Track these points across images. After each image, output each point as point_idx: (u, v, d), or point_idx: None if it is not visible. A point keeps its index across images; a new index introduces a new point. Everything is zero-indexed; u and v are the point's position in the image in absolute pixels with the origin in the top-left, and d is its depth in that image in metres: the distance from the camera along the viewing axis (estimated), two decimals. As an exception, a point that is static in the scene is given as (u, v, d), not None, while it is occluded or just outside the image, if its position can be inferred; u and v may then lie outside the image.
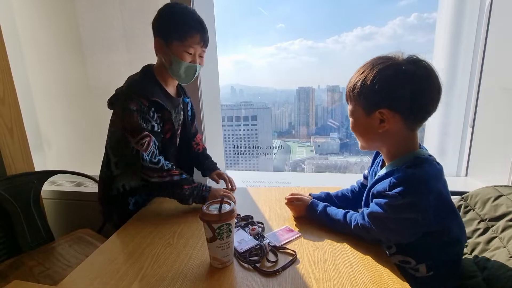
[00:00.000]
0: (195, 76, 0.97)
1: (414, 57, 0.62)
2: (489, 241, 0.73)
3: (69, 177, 1.64)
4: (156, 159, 0.87)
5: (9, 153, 1.25)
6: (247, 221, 0.80)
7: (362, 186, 0.85)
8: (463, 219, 0.84)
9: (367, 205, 0.70)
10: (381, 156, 0.74)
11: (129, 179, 0.95)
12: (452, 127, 1.41)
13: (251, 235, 0.73)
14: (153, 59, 0.99)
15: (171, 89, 1.00)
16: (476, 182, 1.32)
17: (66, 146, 1.78)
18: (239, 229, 0.76)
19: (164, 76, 0.96)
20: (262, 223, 0.79)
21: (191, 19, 0.89)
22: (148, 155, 0.85)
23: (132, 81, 0.93)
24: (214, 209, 0.61)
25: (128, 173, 0.94)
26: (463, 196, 0.88)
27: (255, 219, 0.82)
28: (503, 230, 0.71)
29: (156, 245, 0.70)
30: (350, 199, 0.86)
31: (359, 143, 0.71)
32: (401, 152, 0.65)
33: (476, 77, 1.28)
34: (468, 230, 0.80)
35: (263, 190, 1.07)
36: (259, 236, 0.72)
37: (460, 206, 0.87)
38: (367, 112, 0.64)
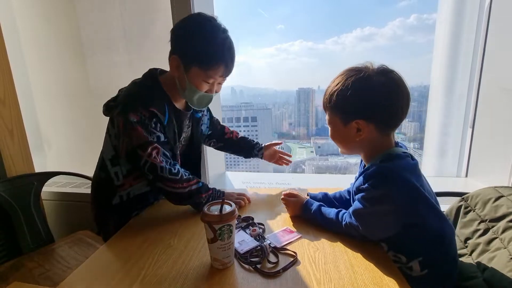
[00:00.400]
0: (208, 105, 0.90)
1: (384, 67, 0.65)
2: (490, 242, 0.73)
3: (69, 178, 1.64)
4: (176, 169, 0.81)
5: (9, 155, 1.25)
6: (247, 222, 0.80)
7: None
8: (463, 220, 0.84)
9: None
10: None
11: (137, 188, 0.89)
12: (452, 128, 1.42)
13: (251, 236, 0.73)
14: (153, 61, 0.98)
15: (179, 103, 0.91)
16: (476, 183, 1.32)
17: (66, 147, 1.78)
18: (239, 230, 0.76)
19: (173, 90, 0.86)
20: (263, 224, 0.79)
21: (221, 45, 0.78)
22: (167, 166, 0.80)
23: (132, 89, 0.85)
24: (215, 210, 0.61)
25: (131, 179, 0.88)
26: (463, 197, 0.88)
27: (255, 220, 0.82)
28: (503, 231, 0.71)
29: (157, 246, 0.70)
30: (347, 200, 0.87)
31: (339, 149, 0.76)
32: (377, 152, 0.69)
33: (476, 77, 1.29)
34: (468, 231, 0.80)
35: (264, 191, 1.06)
36: (259, 237, 0.72)
37: (460, 207, 0.87)
38: (344, 123, 0.68)
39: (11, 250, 1.21)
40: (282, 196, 0.86)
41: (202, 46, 0.77)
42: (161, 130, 0.82)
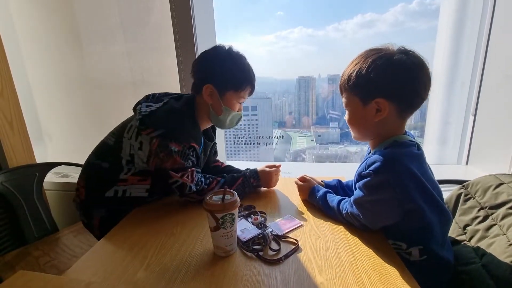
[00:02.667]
0: (238, 122, 0.99)
1: (403, 48, 0.64)
2: (489, 228, 0.74)
3: (71, 168, 1.65)
4: (200, 186, 0.86)
5: (10, 146, 1.25)
6: (249, 211, 0.81)
7: None
8: (463, 207, 0.84)
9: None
10: None
11: (135, 186, 0.88)
12: (453, 116, 1.41)
13: (253, 224, 0.73)
14: (151, 50, 0.96)
15: (204, 130, 0.99)
16: (476, 171, 1.33)
17: (66, 138, 1.77)
18: (241, 219, 0.77)
19: (203, 116, 0.93)
20: (265, 213, 0.80)
21: (247, 69, 0.90)
22: (194, 186, 0.84)
23: (176, 118, 0.85)
24: (217, 199, 0.61)
25: (136, 179, 0.87)
26: (463, 184, 0.88)
27: (257, 209, 0.82)
28: (503, 218, 0.72)
29: (160, 235, 0.71)
30: None
31: (353, 134, 0.75)
32: (386, 138, 0.69)
33: (479, 64, 1.27)
34: (467, 217, 0.81)
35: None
36: (261, 225, 0.73)
37: (460, 194, 0.87)
38: (364, 102, 0.66)
39: (16, 239, 1.23)
40: (295, 180, 0.91)
41: (234, 72, 0.88)
42: (196, 157, 0.88)
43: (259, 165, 0.97)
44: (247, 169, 0.98)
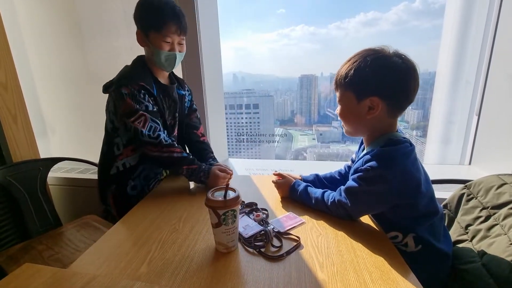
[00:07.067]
0: (178, 63, 1.00)
1: (398, 52, 0.68)
2: (490, 228, 0.74)
3: (74, 164, 1.66)
4: (156, 134, 0.92)
5: (14, 140, 1.26)
6: (251, 208, 0.81)
7: (349, 168, 0.91)
8: (465, 207, 0.84)
9: None
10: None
11: (130, 156, 1.00)
12: (457, 115, 1.40)
13: (255, 221, 0.74)
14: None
15: (163, 78, 1.03)
16: (479, 171, 1.32)
17: (70, 133, 1.79)
18: (243, 216, 0.77)
19: (153, 67, 1.00)
20: (266, 210, 0.80)
21: (166, 8, 0.92)
22: (146, 131, 0.91)
23: (124, 71, 0.98)
24: (219, 195, 0.62)
25: (129, 150, 0.99)
26: (466, 184, 0.88)
27: (259, 206, 0.83)
28: (504, 218, 0.72)
29: (162, 230, 0.72)
30: (338, 180, 0.92)
31: (345, 128, 0.77)
32: (380, 134, 0.72)
33: (484, 63, 1.26)
34: (469, 217, 0.81)
35: (267, 178, 1.07)
36: (263, 222, 0.73)
37: (462, 194, 0.87)
38: (358, 99, 0.69)
39: (20, 233, 1.24)
40: (272, 179, 0.92)
41: (152, 13, 0.92)
42: (151, 101, 0.94)
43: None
44: (209, 161, 1.08)
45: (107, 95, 1.00)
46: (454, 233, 0.83)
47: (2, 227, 1.23)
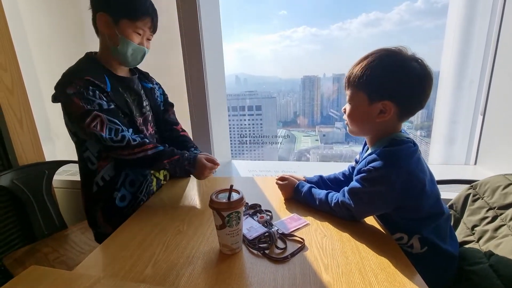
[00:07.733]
0: (142, 60, 0.91)
1: (415, 55, 0.66)
2: (497, 228, 0.73)
3: (78, 167, 1.67)
4: (119, 136, 0.80)
5: (20, 144, 1.27)
6: (255, 209, 0.81)
7: (352, 169, 0.90)
8: (471, 207, 0.84)
9: None
10: None
11: (106, 167, 0.88)
12: (462, 115, 1.39)
13: (259, 222, 0.74)
14: (156, 48, 0.97)
15: (122, 72, 0.93)
16: (485, 171, 1.31)
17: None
18: (247, 217, 0.77)
19: (109, 60, 0.88)
20: (270, 211, 0.80)
21: (145, 1, 0.85)
22: (107, 134, 0.79)
23: (70, 68, 0.85)
24: (223, 197, 0.62)
25: (102, 161, 0.88)
26: (471, 184, 0.87)
27: (263, 208, 0.83)
28: (512, 218, 0.71)
29: (167, 233, 0.72)
30: (342, 181, 0.91)
31: (349, 128, 0.75)
32: (384, 135, 0.71)
33: (489, 62, 1.25)
34: (475, 218, 0.80)
35: (270, 179, 1.07)
36: (267, 223, 0.73)
37: (468, 194, 0.87)
38: (370, 101, 0.67)
39: (26, 236, 1.25)
40: (276, 181, 0.91)
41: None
42: (103, 98, 0.81)
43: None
44: (191, 150, 0.97)
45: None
46: (460, 234, 0.82)
47: (8, 230, 1.24)
